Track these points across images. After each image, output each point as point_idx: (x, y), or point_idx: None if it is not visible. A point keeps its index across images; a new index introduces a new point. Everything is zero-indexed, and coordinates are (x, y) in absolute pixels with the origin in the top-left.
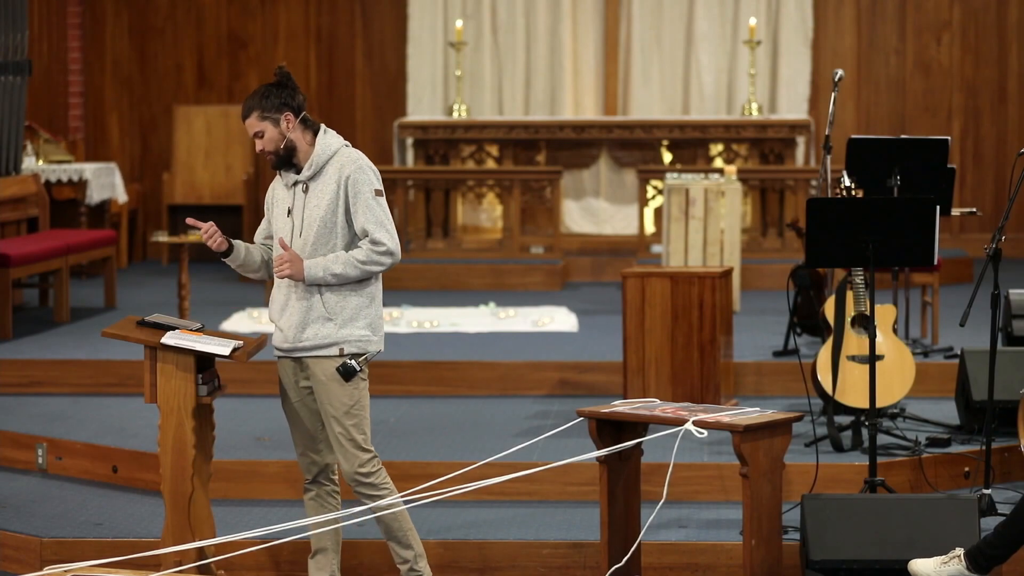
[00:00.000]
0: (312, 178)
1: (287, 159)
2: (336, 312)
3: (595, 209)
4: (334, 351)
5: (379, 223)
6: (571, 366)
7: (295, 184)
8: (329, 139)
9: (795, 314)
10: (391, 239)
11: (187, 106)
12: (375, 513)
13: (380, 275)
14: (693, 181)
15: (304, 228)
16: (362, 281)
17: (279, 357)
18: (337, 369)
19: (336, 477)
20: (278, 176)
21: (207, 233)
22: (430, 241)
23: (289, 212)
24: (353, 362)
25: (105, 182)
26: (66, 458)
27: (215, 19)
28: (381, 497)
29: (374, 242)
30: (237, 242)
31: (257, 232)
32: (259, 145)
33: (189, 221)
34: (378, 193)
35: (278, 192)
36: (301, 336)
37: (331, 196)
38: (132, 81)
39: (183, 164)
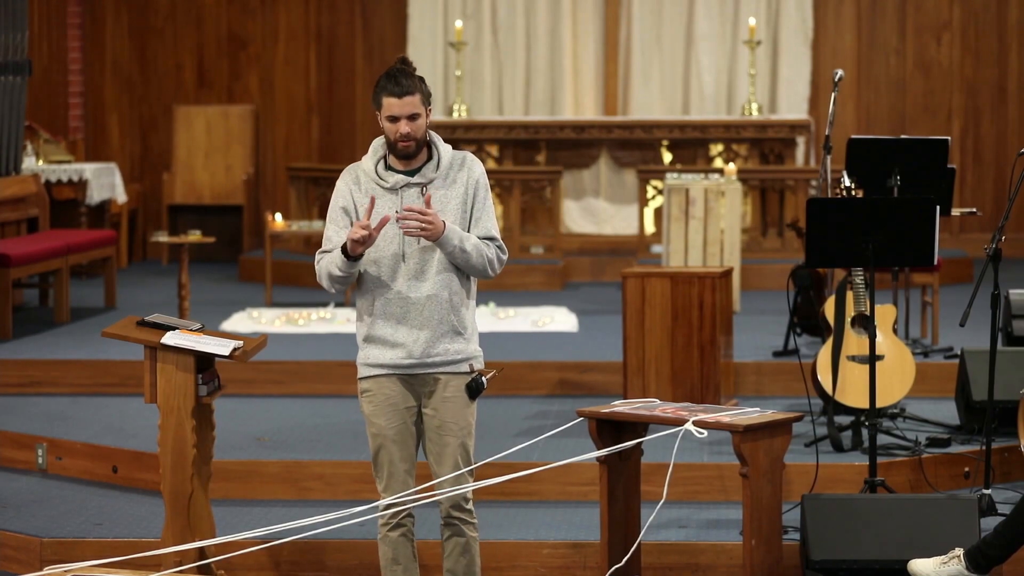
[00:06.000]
0: (433, 180)
1: (418, 152)
2: (464, 326)
3: (595, 209)
4: (464, 367)
5: (497, 229)
6: (571, 366)
7: (405, 187)
8: (441, 141)
9: (795, 314)
10: None
11: (187, 106)
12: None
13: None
14: (693, 181)
15: None
16: (471, 292)
17: (387, 375)
18: (468, 386)
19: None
20: (360, 177)
21: (373, 232)
22: None
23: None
24: (483, 379)
25: (105, 182)
26: (66, 458)
27: (215, 19)
28: (472, 525)
29: (501, 248)
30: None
31: (325, 242)
32: (407, 127)
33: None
34: None
35: (363, 198)
36: (432, 351)
37: (459, 199)
38: (132, 81)
39: (183, 164)
